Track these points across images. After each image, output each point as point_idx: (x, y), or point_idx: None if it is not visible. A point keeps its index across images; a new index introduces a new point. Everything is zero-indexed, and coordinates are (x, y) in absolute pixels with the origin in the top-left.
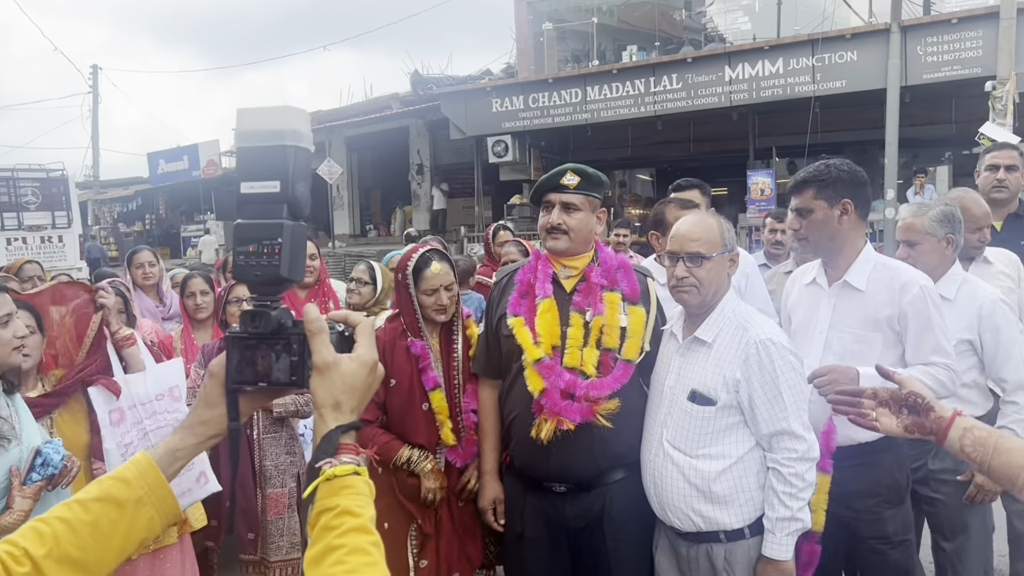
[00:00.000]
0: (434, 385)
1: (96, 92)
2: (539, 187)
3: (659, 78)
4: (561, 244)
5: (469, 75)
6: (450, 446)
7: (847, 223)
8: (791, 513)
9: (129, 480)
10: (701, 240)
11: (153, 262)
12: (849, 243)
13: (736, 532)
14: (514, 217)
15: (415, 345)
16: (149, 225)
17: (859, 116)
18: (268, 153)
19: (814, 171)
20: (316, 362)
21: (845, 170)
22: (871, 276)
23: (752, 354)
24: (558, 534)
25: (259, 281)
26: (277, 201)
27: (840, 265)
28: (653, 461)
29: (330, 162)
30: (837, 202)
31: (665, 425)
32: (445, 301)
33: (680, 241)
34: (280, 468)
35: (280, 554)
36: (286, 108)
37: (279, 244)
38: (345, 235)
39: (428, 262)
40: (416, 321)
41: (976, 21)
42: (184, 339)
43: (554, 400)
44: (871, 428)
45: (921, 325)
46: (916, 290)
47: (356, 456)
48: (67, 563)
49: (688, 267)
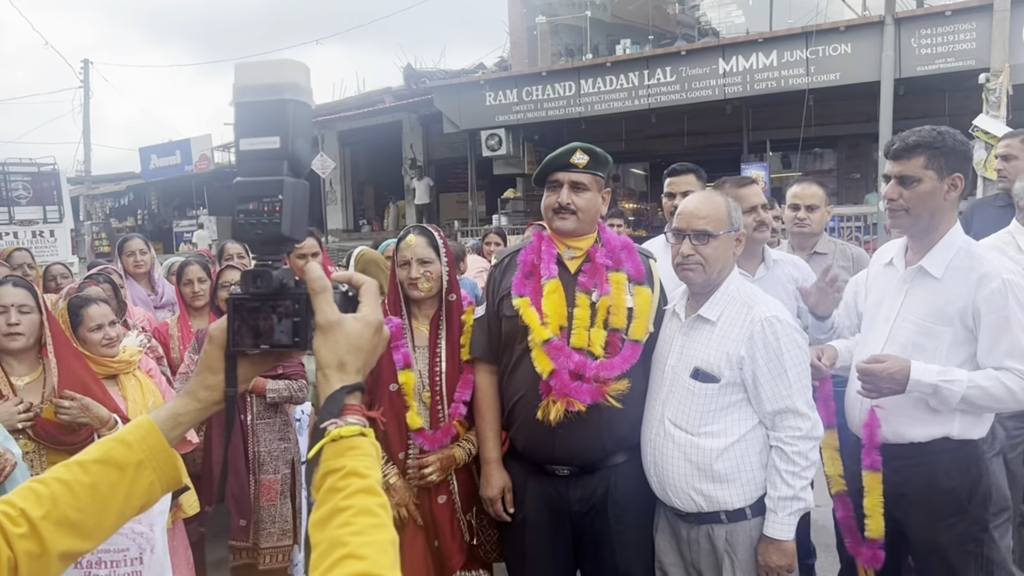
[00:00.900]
0: (404, 364)
1: (87, 87)
2: (546, 166)
3: (653, 71)
4: (569, 224)
5: (462, 69)
6: (415, 430)
7: (951, 201)
8: (793, 492)
9: (130, 443)
10: (708, 218)
11: (144, 250)
12: (945, 223)
13: (737, 512)
14: (508, 211)
15: (391, 322)
16: (141, 220)
17: (853, 110)
18: (267, 108)
19: (927, 135)
20: (319, 321)
21: (960, 140)
22: (951, 263)
23: (757, 331)
24: (561, 518)
25: (260, 240)
26: (277, 158)
27: (924, 247)
28: (654, 441)
29: (323, 156)
30: (948, 175)
31: (666, 404)
32: (415, 274)
33: (687, 218)
34: (273, 454)
35: (271, 540)
36: (285, 61)
37: (279, 201)
38: (338, 230)
39: (407, 234)
40: (397, 300)
41: (970, 13)
42: (181, 326)
43: (564, 381)
44: None
45: (997, 324)
46: (996, 284)
47: (362, 417)
48: (65, 525)
49: (694, 244)
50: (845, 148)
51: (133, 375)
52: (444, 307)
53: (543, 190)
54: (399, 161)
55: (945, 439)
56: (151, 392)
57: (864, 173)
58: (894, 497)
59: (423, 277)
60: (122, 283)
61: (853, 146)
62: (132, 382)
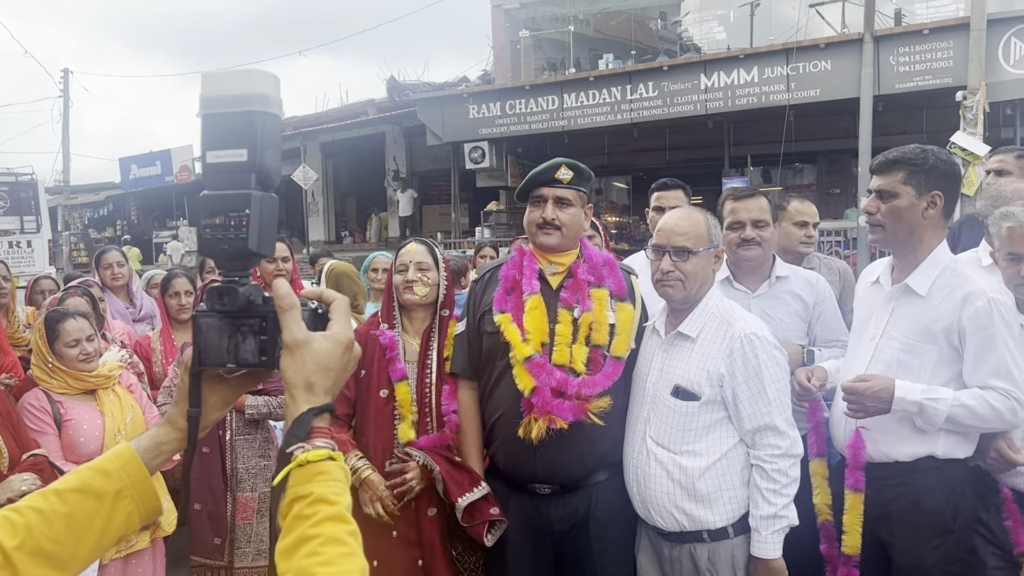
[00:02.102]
0: (400, 377)
1: (67, 96)
2: (530, 181)
3: (635, 86)
4: (553, 239)
5: (446, 82)
6: (406, 443)
7: (931, 218)
8: (775, 511)
9: (110, 472)
10: (688, 235)
11: (122, 262)
12: (926, 241)
13: (720, 531)
14: (491, 224)
15: (384, 335)
16: (120, 231)
17: (832, 126)
18: (234, 119)
19: (909, 152)
20: (286, 340)
21: (943, 159)
22: (937, 281)
23: (736, 348)
24: (542, 538)
25: (226, 255)
26: (245, 171)
27: (909, 265)
28: (636, 459)
29: (305, 168)
30: (927, 192)
31: (648, 422)
32: (412, 276)
33: (667, 235)
34: (252, 471)
35: (246, 560)
36: (253, 71)
37: (247, 216)
38: (320, 241)
39: (408, 243)
40: (391, 308)
41: (947, 32)
42: (164, 340)
43: (545, 398)
44: None
45: (983, 342)
46: (982, 303)
47: (330, 440)
48: (40, 556)
49: (674, 261)
50: (825, 163)
51: (112, 390)
52: (437, 321)
53: (526, 204)
54: (382, 173)
55: (930, 458)
56: (130, 407)
57: (844, 188)
58: (879, 517)
59: (419, 281)
60: (101, 296)
61: (833, 161)
62: (111, 397)
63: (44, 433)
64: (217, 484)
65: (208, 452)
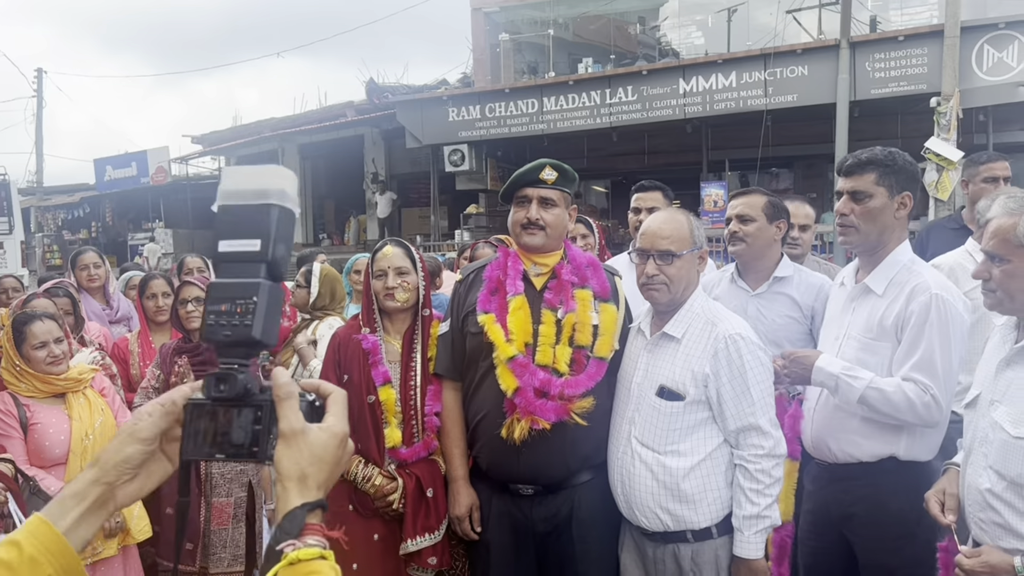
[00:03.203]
0: (383, 381)
1: (40, 96)
2: (515, 181)
3: (615, 90)
4: (538, 240)
5: (425, 84)
6: (391, 448)
7: (901, 219)
8: (758, 511)
9: (19, 541)
10: (672, 238)
11: (99, 263)
12: (893, 241)
13: (703, 531)
14: (470, 227)
15: (366, 340)
16: (95, 233)
17: (809, 131)
18: (251, 211)
19: (878, 154)
20: (283, 428)
21: (909, 161)
22: (893, 280)
23: (721, 348)
24: (525, 539)
25: (228, 342)
26: (256, 260)
27: (872, 265)
28: (621, 459)
29: None
30: (899, 193)
31: (633, 422)
32: (392, 283)
33: (650, 239)
34: (227, 476)
35: (221, 566)
36: (274, 168)
37: (254, 303)
38: (298, 244)
39: (384, 246)
40: (372, 312)
41: (921, 39)
42: (141, 342)
43: (528, 399)
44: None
45: (914, 335)
46: (924, 297)
47: (323, 538)
48: None
49: (658, 265)
50: (802, 168)
51: (83, 393)
52: (420, 321)
53: (509, 206)
54: (360, 175)
55: (892, 459)
56: (100, 411)
57: (820, 193)
58: (844, 518)
59: (400, 287)
60: (79, 297)
61: (809, 166)
62: (80, 400)
63: (9, 437)
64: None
65: None
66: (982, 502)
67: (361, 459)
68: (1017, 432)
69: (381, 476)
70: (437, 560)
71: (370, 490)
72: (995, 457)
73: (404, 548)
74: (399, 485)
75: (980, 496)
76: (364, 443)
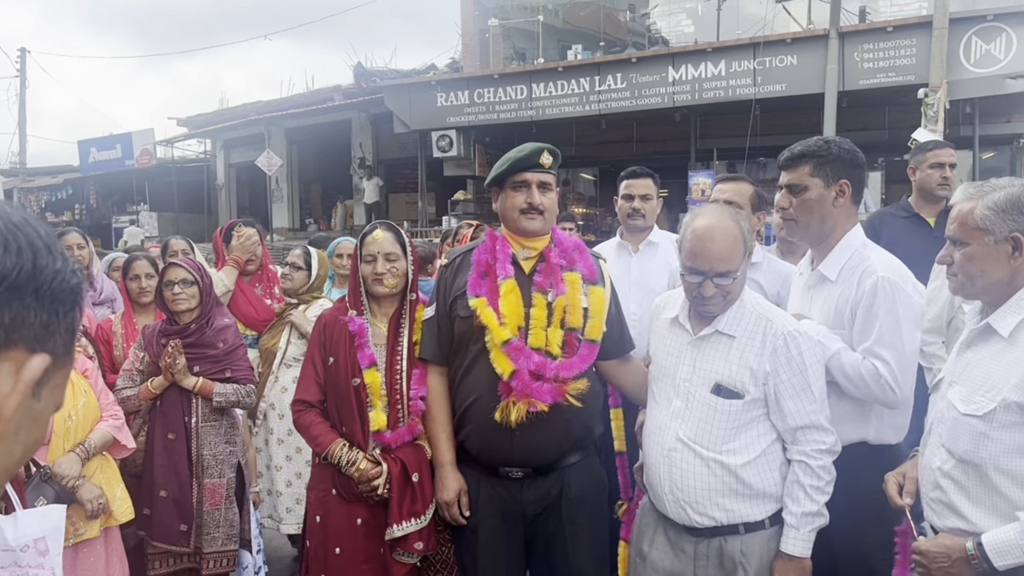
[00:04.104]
0: (369, 363)
1: (24, 76)
2: (514, 165)
3: (604, 77)
4: (537, 224)
5: (414, 69)
6: (376, 431)
7: (841, 206)
8: (818, 508)
9: None
10: (730, 258)
11: (82, 244)
12: (839, 229)
13: (756, 523)
14: (458, 213)
15: (353, 322)
16: (79, 215)
17: (797, 121)
18: None
19: (812, 145)
20: None
21: (846, 148)
22: (846, 265)
23: (780, 346)
24: (514, 522)
25: None
26: None
27: (824, 253)
28: (669, 457)
29: (269, 154)
30: (835, 182)
31: (682, 419)
32: (381, 269)
33: (708, 261)
34: (219, 458)
35: (215, 545)
36: None
37: None
38: (284, 228)
39: (373, 229)
40: (359, 295)
41: (910, 30)
42: (125, 323)
43: (525, 382)
44: None
45: (863, 318)
46: (871, 280)
47: None
48: None
49: (718, 285)
50: None
51: None
52: (407, 306)
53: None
54: (348, 160)
55: (863, 444)
56: (83, 392)
57: None
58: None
59: (389, 273)
60: None
61: None
62: None
63: None
64: (183, 471)
65: (173, 439)
66: (933, 481)
67: (345, 443)
68: (966, 409)
69: (366, 460)
70: (423, 545)
71: (354, 474)
72: (947, 436)
73: (390, 533)
74: (384, 470)
75: (932, 475)
76: (349, 426)
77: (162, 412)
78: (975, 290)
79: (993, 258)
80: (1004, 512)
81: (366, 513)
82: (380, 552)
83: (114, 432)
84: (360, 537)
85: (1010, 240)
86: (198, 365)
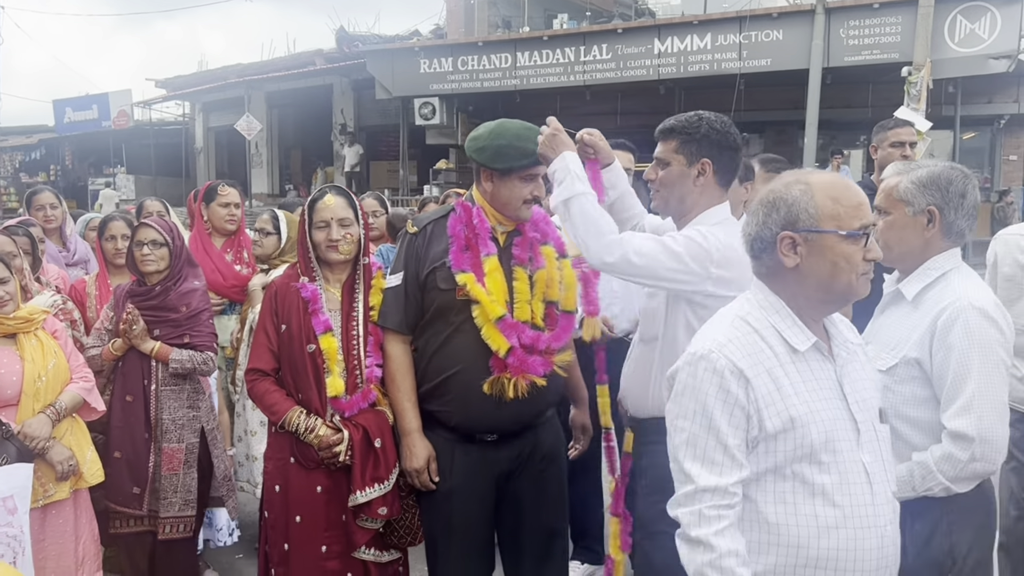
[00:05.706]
0: (325, 329)
1: None
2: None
3: (589, 47)
4: (531, 212)
5: (397, 35)
6: (333, 397)
7: (702, 185)
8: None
9: None
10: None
11: (55, 204)
12: (698, 208)
13: None
14: (440, 182)
15: (305, 288)
16: (54, 176)
17: (781, 96)
18: None
19: (684, 121)
20: None
21: (716, 128)
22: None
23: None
24: (488, 483)
25: None
26: None
27: (686, 224)
28: (884, 518)
29: (249, 118)
30: (696, 161)
31: (884, 461)
32: (336, 235)
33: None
34: (179, 423)
35: (172, 510)
36: None
37: None
38: (263, 194)
39: (323, 195)
40: (309, 261)
41: (896, 7)
42: (100, 284)
43: (521, 357)
44: None
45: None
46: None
47: None
48: None
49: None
50: (773, 134)
51: (35, 335)
52: (360, 271)
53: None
54: (329, 126)
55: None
56: (53, 353)
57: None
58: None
59: (344, 240)
60: (42, 237)
61: (780, 132)
62: (32, 342)
63: None
64: (139, 434)
65: (131, 401)
66: None
67: (303, 410)
68: (875, 365)
69: (325, 427)
70: (387, 510)
71: (314, 441)
72: None
73: (353, 500)
74: (345, 436)
75: None
76: (305, 393)
77: (123, 374)
78: (892, 256)
79: (911, 227)
80: (904, 456)
81: (326, 481)
82: (342, 519)
83: (84, 394)
84: (321, 505)
85: (926, 212)
86: (159, 329)
